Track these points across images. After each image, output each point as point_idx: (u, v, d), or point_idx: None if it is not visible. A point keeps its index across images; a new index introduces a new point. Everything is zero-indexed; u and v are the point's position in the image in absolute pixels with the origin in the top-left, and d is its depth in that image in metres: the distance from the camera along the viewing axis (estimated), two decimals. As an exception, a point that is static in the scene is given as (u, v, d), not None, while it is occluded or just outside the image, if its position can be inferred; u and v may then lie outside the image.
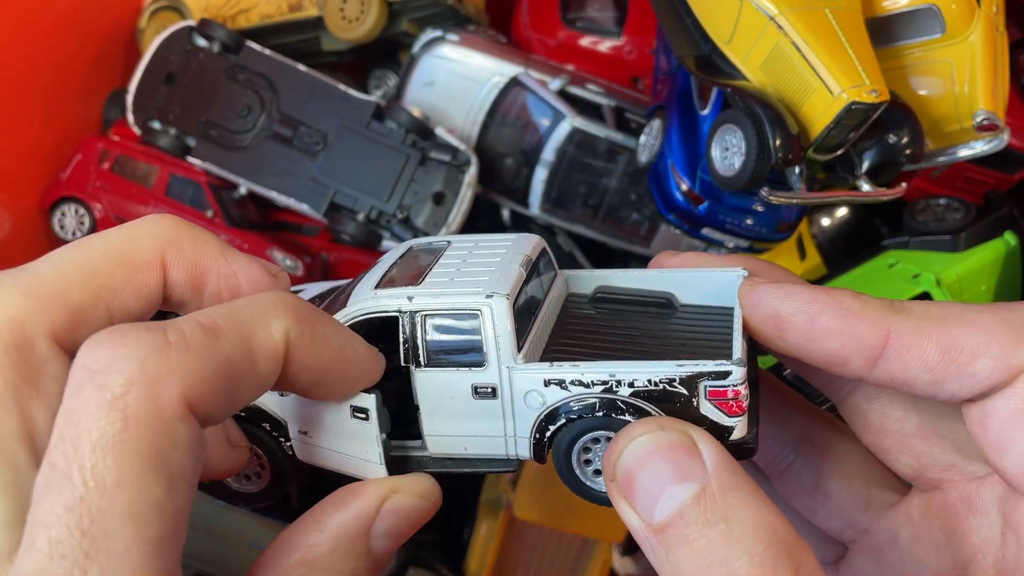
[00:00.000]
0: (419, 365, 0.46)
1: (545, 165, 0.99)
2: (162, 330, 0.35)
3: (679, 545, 0.36)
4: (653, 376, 0.43)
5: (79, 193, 1.00)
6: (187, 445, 0.34)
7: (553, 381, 0.44)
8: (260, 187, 0.99)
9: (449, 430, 0.47)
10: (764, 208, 0.84)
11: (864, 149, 0.73)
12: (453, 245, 0.53)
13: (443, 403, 0.46)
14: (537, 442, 0.46)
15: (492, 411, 0.46)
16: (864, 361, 0.42)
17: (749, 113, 0.70)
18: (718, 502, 0.37)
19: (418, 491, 0.45)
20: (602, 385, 0.44)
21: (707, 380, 0.42)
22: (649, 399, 0.43)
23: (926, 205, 0.98)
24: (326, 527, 0.41)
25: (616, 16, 1.10)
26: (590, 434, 0.45)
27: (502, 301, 0.45)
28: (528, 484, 0.93)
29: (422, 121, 0.97)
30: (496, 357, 0.45)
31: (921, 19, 0.75)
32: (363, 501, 0.43)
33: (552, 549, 1.01)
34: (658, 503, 0.38)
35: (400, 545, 0.44)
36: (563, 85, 1.00)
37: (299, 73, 0.99)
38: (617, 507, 0.40)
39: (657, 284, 0.53)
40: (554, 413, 0.45)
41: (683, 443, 0.39)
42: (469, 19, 1.08)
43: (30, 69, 0.98)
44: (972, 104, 0.75)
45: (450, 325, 0.46)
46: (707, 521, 0.36)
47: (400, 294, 0.46)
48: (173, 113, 1.01)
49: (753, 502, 0.37)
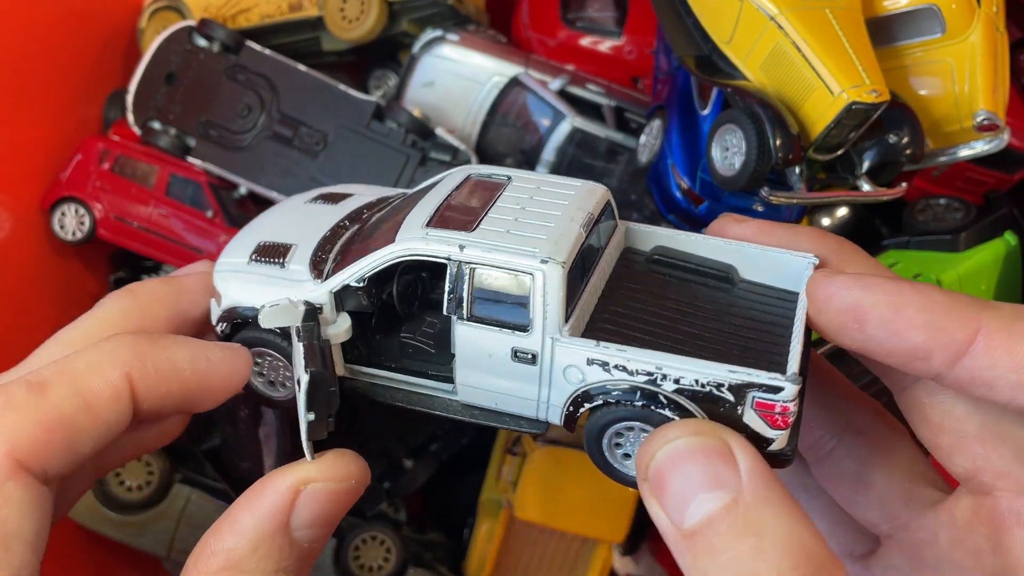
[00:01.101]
0: (461, 317, 0.45)
1: (545, 165, 0.99)
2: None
3: (706, 554, 0.36)
4: (701, 377, 0.42)
5: (79, 193, 1.00)
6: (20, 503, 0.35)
7: (596, 361, 0.43)
8: (260, 187, 0.99)
9: (482, 384, 0.46)
10: (764, 208, 0.84)
11: (864, 149, 0.73)
12: (514, 183, 0.51)
13: (480, 359, 0.45)
14: (570, 415, 0.45)
15: (529, 376, 0.45)
16: (948, 356, 0.40)
17: (749, 113, 0.70)
18: (750, 514, 0.36)
19: (333, 476, 0.44)
20: (646, 376, 0.42)
21: (756, 391, 0.41)
22: (693, 398, 0.42)
23: (926, 205, 0.97)
24: (242, 528, 0.41)
25: (616, 16, 1.10)
26: (625, 423, 0.44)
27: (557, 269, 0.43)
28: (528, 484, 0.93)
29: (422, 121, 0.97)
30: (542, 325, 0.43)
31: (921, 19, 0.75)
32: (273, 498, 0.42)
33: (552, 549, 1.00)
34: (688, 508, 0.37)
35: (333, 527, 0.44)
36: (563, 85, 1.00)
37: (299, 73, 0.99)
38: (647, 505, 0.40)
39: (719, 253, 0.51)
40: (592, 393, 0.44)
41: (719, 450, 0.38)
42: (469, 19, 1.08)
43: (30, 69, 0.98)
44: (972, 104, 0.75)
45: (499, 283, 0.44)
46: (737, 533, 0.35)
47: (452, 240, 0.45)
48: (173, 113, 1.01)
49: (787, 517, 0.36)
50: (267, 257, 0.51)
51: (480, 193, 0.50)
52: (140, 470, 0.96)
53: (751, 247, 0.50)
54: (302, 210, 0.57)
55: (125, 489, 0.96)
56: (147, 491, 0.95)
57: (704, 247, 0.51)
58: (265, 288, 0.49)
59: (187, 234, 0.99)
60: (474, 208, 0.48)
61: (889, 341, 0.42)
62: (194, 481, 0.97)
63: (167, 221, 1.00)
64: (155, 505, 0.96)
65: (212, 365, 0.45)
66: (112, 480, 0.95)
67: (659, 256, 0.52)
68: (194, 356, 0.44)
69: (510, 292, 0.44)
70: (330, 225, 0.53)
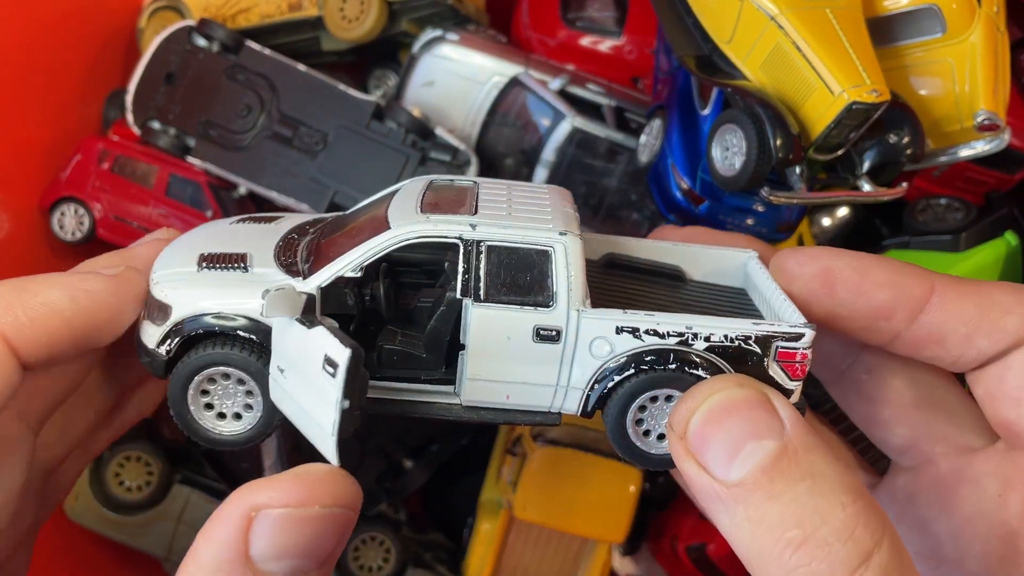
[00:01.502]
0: (478, 299, 0.43)
1: (545, 165, 0.99)
2: None
3: (763, 500, 0.37)
4: (730, 332, 0.42)
5: (79, 193, 1.00)
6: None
7: (626, 328, 0.42)
8: (260, 187, 0.99)
9: (496, 374, 0.44)
10: (764, 208, 0.84)
11: (865, 149, 0.73)
12: (483, 186, 0.49)
13: (497, 344, 0.44)
14: (590, 394, 0.44)
15: (550, 356, 0.43)
16: (908, 314, 0.43)
17: (750, 113, 0.70)
18: (801, 458, 0.37)
19: (289, 501, 0.38)
20: (678, 337, 0.42)
21: (781, 341, 0.42)
22: (724, 355, 0.42)
23: (927, 205, 0.97)
24: (201, 561, 0.38)
25: (616, 16, 1.10)
26: (653, 392, 0.43)
27: (577, 241, 0.43)
28: (528, 484, 0.93)
29: (422, 121, 0.97)
30: (567, 299, 0.43)
31: (922, 19, 0.75)
32: (223, 527, 0.38)
33: (552, 549, 1.00)
34: (736, 460, 0.38)
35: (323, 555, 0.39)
36: (563, 85, 1.00)
37: (299, 73, 0.99)
38: (682, 465, 0.40)
39: (665, 255, 0.52)
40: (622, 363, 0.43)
41: (761, 401, 0.39)
42: (469, 19, 1.08)
43: (30, 69, 0.98)
44: (973, 104, 0.75)
45: (517, 260, 0.43)
46: (792, 476, 0.37)
47: (461, 220, 0.43)
48: (173, 113, 1.00)
49: (832, 460, 0.38)
50: (222, 263, 0.46)
51: (455, 192, 0.48)
52: (140, 471, 0.95)
53: (694, 247, 0.52)
54: (232, 230, 0.53)
55: (125, 489, 0.96)
56: (147, 491, 0.95)
57: (652, 251, 0.53)
58: (232, 290, 0.45)
59: (187, 234, 0.99)
60: (460, 201, 0.47)
61: (856, 302, 0.44)
62: (193, 481, 0.97)
63: (167, 221, 0.99)
64: (155, 505, 0.96)
65: (94, 296, 0.42)
66: (112, 480, 0.95)
67: (614, 260, 0.53)
68: (72, 293, 0.42)
69: (531, 266, 0.43)
70: (278, 237, 0.50)
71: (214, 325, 0.44)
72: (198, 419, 0.46)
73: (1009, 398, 0.42)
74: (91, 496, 0.94)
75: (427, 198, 0.47)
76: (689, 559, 1.05)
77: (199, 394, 0.46)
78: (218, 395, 0.46)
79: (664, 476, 1.08)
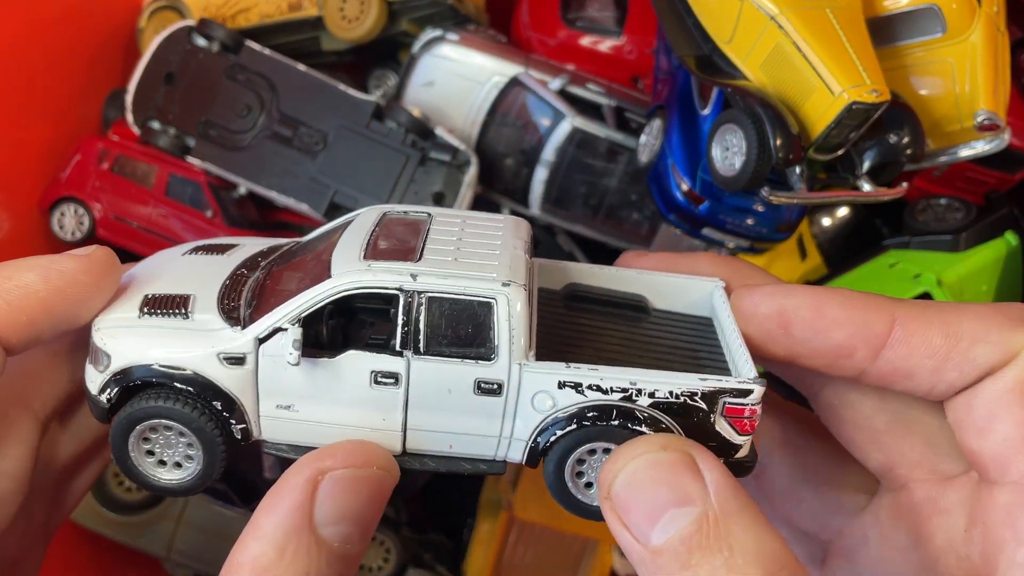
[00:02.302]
0: (417, 352, 0.42)
1: (545, 165, 0.99)
2: None
3: (679, 570, 0.36)
4: (675, 388, 0.41)
5: (79, 193, 1.00)
6: None
7: (569, 383, 0.42)
8: (260, 187, 0.99)
9: (436, 425, 0.44)
10: (765, 208, 0.84)
11: (865, 149, 0.73)
12: (436, 219, 0.48)
13: (438, 396, 0.43)
14: (534, 447, 0.43)
15: (491, 409, 0.43)
16: (870, 351, 0.42)
17: (750, 113, 0.70)
18: (720, 528, 0.36)
19: (352, 462, 0.40)
20: (621, 392, 0.42)
21: (728, 397, 0.41)
22: (668, 412, 0.42)
23: (927, 205, 0.97)
24: (264, 533, 0.39)
25: (616, 16, 1.10)
26: (589, 445, 0.43)
27: (520, 292, 0.42)
28: (528, 484, 0.93)
29: (422, 121, 0.97)
30: (508, 352, 0.42)
31: (922, 19, 0.75)
32: (290, 495, 0.39)
33: (552, 549, 1.00)
34: (656, 525, 0.37)
35: (367, 524, 0.40)
36: (563, 85, 1.00)
37: (299, 73, 0.99)
38: (610, 525, 0.39)
39: (629, 285, 0.51)
40: (563, 418, 0.42)
41: (686, 464, 0.38)
42: (469, 19, 1.08)
43: (30, 69, 0.98)
44: (973, 104, 0.75)
45: (458, 311, 0.42)
46: (709, 547, 0.35)
47: (402, 270, 0.42)
48: (173, 113, 1.00)
49: (755, 527, 0.36)
50: (163, 309, 0.45)
51: (405, 229, 0.47)
52: (140, 470, 0.96)
53: (658, 276, 0.51)
54: (183, 262, 0.52)
55: (125, 490, 0.96)
56: (146, 492, 0.95)
57: (614, 279, 0.51)
58: (169, 340, 0.44)
59: (186, 234, 0.99)
60: (407, 241, 0.45)
61: (814, 341, 0.43)
62: (194, 481, 0.97)
63: (166, 221, 0.99)
64: (155, 506, 0.96)
65: (68, 277, 0.42)
66: (112, 481, 0.95)
67: (574, 292, 0.51)
68: (45, 275, 0.42)
69: (472, 318, 0.42)
70: (226, 273, 0.48)
71: (152, 376, 0.44)
72: (139, 466, 0.46)
73: (975, 428, 0.41)
74: (91, 496, 0.94)
75: (374, 237, 0.46)
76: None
77: (140, 441, 0.45)
78: (159, 444, 0.46)
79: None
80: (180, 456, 0.46)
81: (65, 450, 0.52)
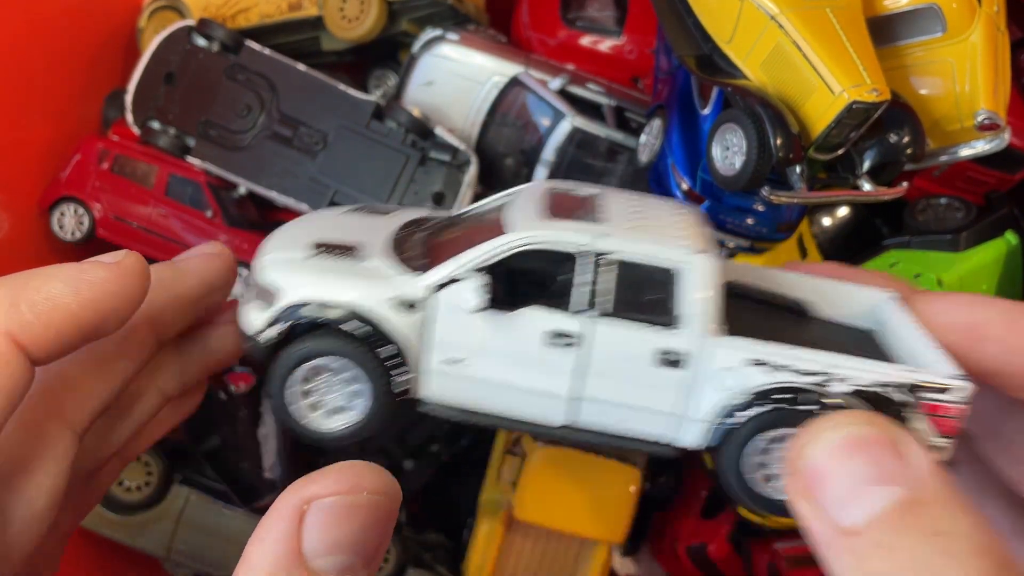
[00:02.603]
0: (603, 314, 0.40)
1: (545, 165, 0.98)
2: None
3: (878, 553, 0.32)
4: (879, 377, 0.39)
5: (78, 193, 1.00)
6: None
7: (762, 362, 0.39)
8: (260, 187, 0.99)
9: (608, 395, 0.41)
10: (765, 208, 0.84)
11: (865, 148, 0.73)
12: (607, 194, 0.46)
13: (614, 363, 0.41)
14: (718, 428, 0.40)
15: (672, 383, 0.40)
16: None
17: (750, 112, 0.70)
18: (930, 512, 0.32)
19: (341, 488, 0.38)
20: (817, 376, 0.39)
21: (929, 393, 0.39)
22: (865, 400, 0.39)
23: (927, 205, 0.97)
24: (252, 565, 0.37)
25: (616, 15, 1.10)
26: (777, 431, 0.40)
27: (713, 261, 0.40)
28: (528, 484, 0.93)
29: (422, 121, 0.97)
30: (698, 323, 0.40)
31: (922, 18, 0.75)
32: (276, 526, 0.37)
33: (552, 549, 1.00)
34: (851, 504, 0.33)
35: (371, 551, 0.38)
36: (563, 85, 1.00)
37: (299, 73, 0.99)
38: (794, 502, 0.36)
39: (791, 288, 0.48)
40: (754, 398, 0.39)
41: (892, 441, 0.34)
42: (469, 19, 1.08)
43: (30, 69, 0.98)
44: (973, 103, 0.75)
45: (646, 276, 0.40)
46: (918, 531, 0.32)
47: (590, 229, 0.41)
48: (172, 113, 1.00)
49: (970, 517, 0.33)
50: (336, 252, 0.45)
51: (578, 200, 0.46)
52: (139, 471, 0.95)
53: (824, 281, 0.48)
54: (342, 220, 0.51)
55: (124, 490, 0.96)
56: (146, 491, 0.95)
57: (773, 281, 0.49)
58: (342, 280, 0.42)
59: (186, 234, 0.99)
60: (586, 208, 0.44)
61: (1007, 358, 0.39)
62: (193, 482, 0.97)
63: (166, 221, 0.99)
64: (154, 505, 0.96)
65: (96, 288, 0.41)
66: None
67: (734, 290, 0.48)
68: (74, 286, 0.41)
69: (660, 287, 0.40)
70: (391, 229, 0.48)
71: (322, 315, 0.42)
72: (298, 410, 0.44)
73: None
74: (91, 496, 0.94)
75: (550, 203, 0.44)
76: (689, 559, 1.05)
77: (301, 383, 0.44)
78: (320, 390, 0.44)
79: (664, 476, 1.08)
80: (343, 399, 0.44)
81: (94, 455, 0.50)
